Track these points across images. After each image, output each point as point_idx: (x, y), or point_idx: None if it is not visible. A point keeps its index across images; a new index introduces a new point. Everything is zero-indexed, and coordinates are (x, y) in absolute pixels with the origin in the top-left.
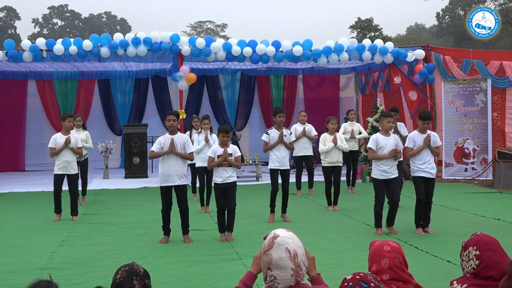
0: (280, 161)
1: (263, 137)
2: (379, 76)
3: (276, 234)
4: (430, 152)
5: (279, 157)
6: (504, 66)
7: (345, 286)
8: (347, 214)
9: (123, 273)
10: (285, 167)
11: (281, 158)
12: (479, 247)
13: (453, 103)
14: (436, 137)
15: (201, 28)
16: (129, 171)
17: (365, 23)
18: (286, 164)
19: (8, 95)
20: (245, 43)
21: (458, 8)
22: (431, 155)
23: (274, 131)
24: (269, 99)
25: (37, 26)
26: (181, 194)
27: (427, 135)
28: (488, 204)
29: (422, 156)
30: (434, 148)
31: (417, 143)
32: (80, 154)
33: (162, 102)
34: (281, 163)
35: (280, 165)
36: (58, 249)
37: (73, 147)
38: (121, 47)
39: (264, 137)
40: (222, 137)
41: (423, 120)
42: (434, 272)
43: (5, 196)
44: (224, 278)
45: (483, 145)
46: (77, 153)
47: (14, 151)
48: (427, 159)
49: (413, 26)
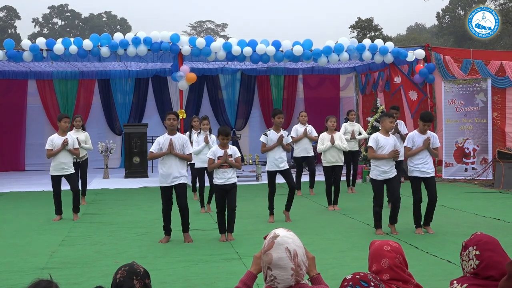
0: (277, 162)
1: (261, 138)
2: (379, 76)
3: (276, 233)
4: (429, 153)
5: (276, 158)
6: (504, 66)
7: (345, 285)
8: (347, 214)
9: (123, 273)
10: (283, 167)
11: (278, 160)
12: (479, 247)
13: (453, 103)
14: (435, 138)
15: (201, 27)
16: (129, 171)
17: (365, 23)
18: (284, 165)
19: (8, 95)
20: (245, 43)
21: (458, 8)
22: (429, 155)
23: (272, 132)
24: (269, 99)
25: (37, 25)
26: (181, 193)
27: (427, 137)
28: (488, 204)
29: (420, 155)
30: (433, 150)
31: (416, 143)
32: (77, 154)
33: (162, 102)
34: (277, 164)
35: (277, 167)
36: (58, 248)
37: (70, 148)
38: (121, 47)
39: (262, 138)
40: (222, 139)
41: (424, 122)
42: (434, 272)
43: (5, 196)
44: (224, 278)
45: (483, 145)
46: (74, 154)
47: (14, 151)
48: (424, 159)
49: (413, 26)
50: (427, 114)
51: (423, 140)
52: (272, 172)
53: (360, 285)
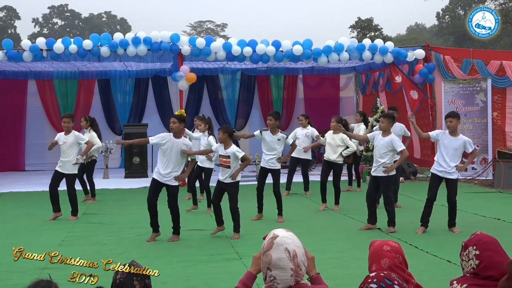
0: (264, 161)
1: (255, 132)
2: (380, 76)
3: (276, 234)
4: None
5: (264, 156)
6: (504, 66)
7: (369, 282)
8: (347, 214)
9: (123, 274)
10: (269, 166)
11: (265, 158)
12: (478, 247)
13: (453, 103)
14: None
15: (201, 27)
16: (129, 171)
17: (365, 22)
18: (273, 164)
19: (8, 95)
20: (245, 42)
21: (458, 8)
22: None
23: (268, 133)
24: (269, 99)
25: (37, 25)
26: (171, 194)
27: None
28: (488, 204)
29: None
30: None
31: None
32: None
33: (162, 102)
34: (264, 162)
35: (264, 164)
36: (58, 249)
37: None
38: (121, 47)
39: (256, 132)
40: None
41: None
42: (434, 272)
43: (5, 196)
44: (224, 278)
45: (483, 145)
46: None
47: (14, 151)
48: (441, 159)
49: (413, 26)
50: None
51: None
52: (261, 168)
53: (385, 283)
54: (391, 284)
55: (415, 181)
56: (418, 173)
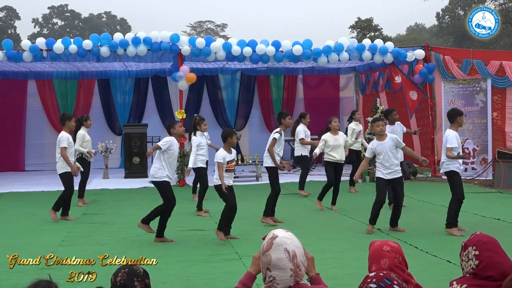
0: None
1: (275, 136)
2: (380, 76)
3: (275, 234)
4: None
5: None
6: (504, 66)
7: (368, 282)
8: (347, 214)
9: (123, 275)
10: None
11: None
12: (478, 247)
13: (453, 103)
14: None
15: (201, 28)
16: (129, 171)
17: (365, 23)
18: (266, 162)
19: (8, 95)
20: (245, 43)
21: (458, 8)
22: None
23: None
24: (269, 99)
25: (37, 26)
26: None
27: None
28: (488, 204)
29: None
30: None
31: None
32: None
33: (162, 102)
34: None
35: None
36: (58, 249)
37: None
38: (121, 47)
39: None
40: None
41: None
42: (434, 272)
43: (5, 196)
44: (224, 278)
45: (483, 145)
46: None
47: (14, 151)
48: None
49: (413, 26)
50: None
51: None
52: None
53: (384, 283)
54: (390, 284)
55: (415, 181)
56: (418, 173)
